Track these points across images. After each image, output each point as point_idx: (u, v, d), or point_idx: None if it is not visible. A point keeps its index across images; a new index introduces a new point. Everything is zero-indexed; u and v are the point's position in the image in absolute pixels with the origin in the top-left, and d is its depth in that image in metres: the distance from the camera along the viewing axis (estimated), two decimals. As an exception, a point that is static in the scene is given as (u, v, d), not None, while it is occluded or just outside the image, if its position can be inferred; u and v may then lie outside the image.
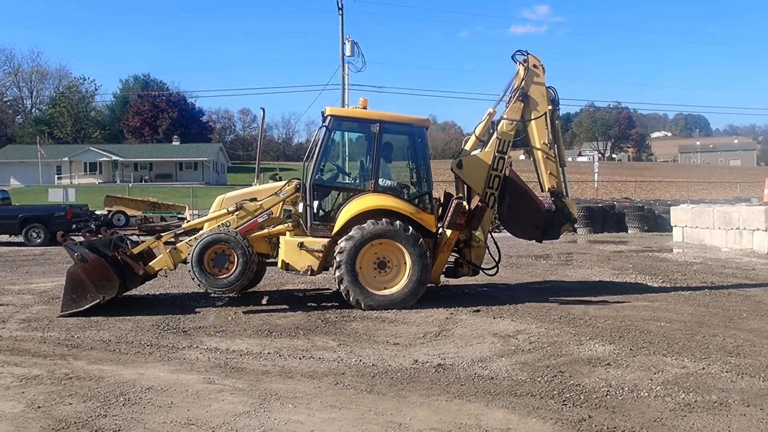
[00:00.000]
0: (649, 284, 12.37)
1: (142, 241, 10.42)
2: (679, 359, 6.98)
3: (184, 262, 9.89)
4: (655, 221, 27.29)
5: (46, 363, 6.99)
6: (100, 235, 10.67)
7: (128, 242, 10.46)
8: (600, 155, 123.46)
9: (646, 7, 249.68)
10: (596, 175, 52.15)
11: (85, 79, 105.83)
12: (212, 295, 10.77)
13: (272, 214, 10.13)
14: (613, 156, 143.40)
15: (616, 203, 30.42)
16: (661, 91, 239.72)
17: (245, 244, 9.53)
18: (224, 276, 9.54)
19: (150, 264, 10.07)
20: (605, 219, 27.30)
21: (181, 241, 10.14)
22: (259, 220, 10.04)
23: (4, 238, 23.18)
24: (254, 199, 10.15)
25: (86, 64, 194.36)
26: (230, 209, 10.06)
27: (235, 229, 9.84)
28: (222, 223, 10.03)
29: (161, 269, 10.15)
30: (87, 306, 9.35)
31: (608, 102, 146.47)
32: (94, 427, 5.13)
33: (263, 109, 11.89)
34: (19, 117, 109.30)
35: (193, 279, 9.63)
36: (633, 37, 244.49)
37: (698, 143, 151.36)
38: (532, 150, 10.97)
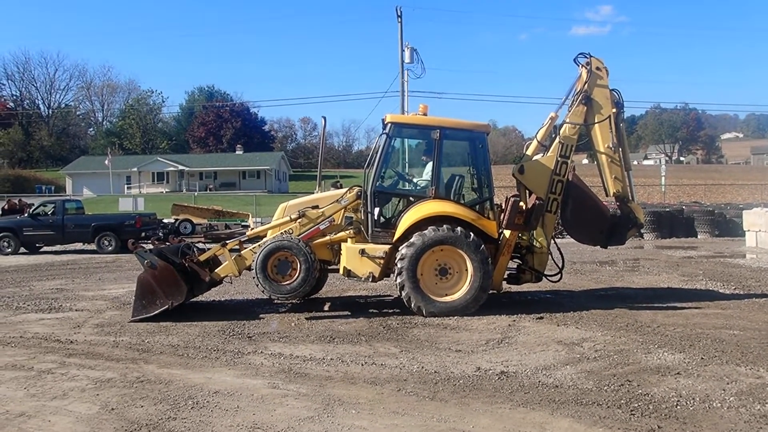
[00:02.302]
0: (720, 291, 11.94)
1: (208, 249, 10.70)
2: (754, 369, 6.71)
3: (249, 268, 10.10)
4: (727, 226, 26.31)
5: (119, 366, 7.25)
6: (168, 243, 10.99)
7: (195, 250, 10.74)
8: (667, 158, 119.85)
9: (713, 4, 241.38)
10: (663, 178, 50.62)
11: (152, 92, 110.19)
12: (275, 301, 10.97)
13: (334, 221, 10.24)
14: (681, 159, 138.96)
15: (685, 207, 29.40)
16: (732, 90, 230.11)
17: (308, 251, 9.64)
18: (287, 282, 9.68)
19: (216, 271, 10.32)
20: (673, 224, 26.49)
21: (245, 248, 10.35)
22: (321, 227, 10.16)
23: (78, 246, 24.13)
24: (316, 207, 10.28)
25: (154, 77, 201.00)
26: (293, 217, 10.21)
27: (298, 236, 9.99)
28: (285, 231, 10.19)
29: (226, 276, 10.38)
30: (156, 312, 9.65)
31: (675, 103, 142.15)
32: (164, 429, 5.30)
33: (324, 118, 12.00)
34: (91, 129, 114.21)
35: (257, 285, 9.81)
36: (700, 35, 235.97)
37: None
38: (596, 154, 10.75)
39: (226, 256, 10.30)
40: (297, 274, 9.64)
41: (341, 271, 10.05)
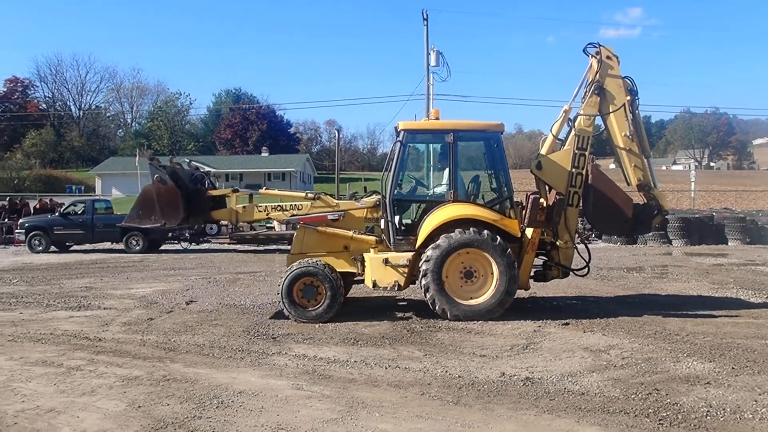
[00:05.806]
0: (751, 300, 11.70)
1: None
2: (787, 380, 6.57)
3: (251, 222, 10.27)
4: (759, 233, 25.80)
5: (146, 365, 7.33)
6: (181, 165, 10.92)
7: (208, 183, 10.79)
8: (697, 163, 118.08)
9: (745, 7, 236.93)
10: (693, 184, 49.85)
11: (180, 94, 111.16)
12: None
13: (344, 216, 10.21)
14: (711, 164, 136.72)
15: (715, 214, 28.89)
16: (765, 94, 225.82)
17: (333, 277, 9.62)
18: (313, 308, 9.65)
19: (218, 210, 10.43)
20: (703, 230, 26.01)
21: (254, 205, 10.41)
22: (330, 216, 10.14)
23: (107, 245, 24.45)
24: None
25: (182, 80, 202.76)
26: (309, 195, 10.33)
27: (305, 214, 10.12)
28: (294, 205, 10.30)
29: (223, 220, 10.41)
30: (147, 226, 9.89)
31: (705, 107, 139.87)
32: (189, 428, 5.34)
33: (338, 131, 12.26)
34: (120, 131, 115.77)
35: (283, 311, 9.79)
36: (732, 38, 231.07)
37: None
38: (614, 144, 10.58)
39: (231, 202, 10.36)
40: (323, 300, 9.63)
41: (368, 283, 9.98)
